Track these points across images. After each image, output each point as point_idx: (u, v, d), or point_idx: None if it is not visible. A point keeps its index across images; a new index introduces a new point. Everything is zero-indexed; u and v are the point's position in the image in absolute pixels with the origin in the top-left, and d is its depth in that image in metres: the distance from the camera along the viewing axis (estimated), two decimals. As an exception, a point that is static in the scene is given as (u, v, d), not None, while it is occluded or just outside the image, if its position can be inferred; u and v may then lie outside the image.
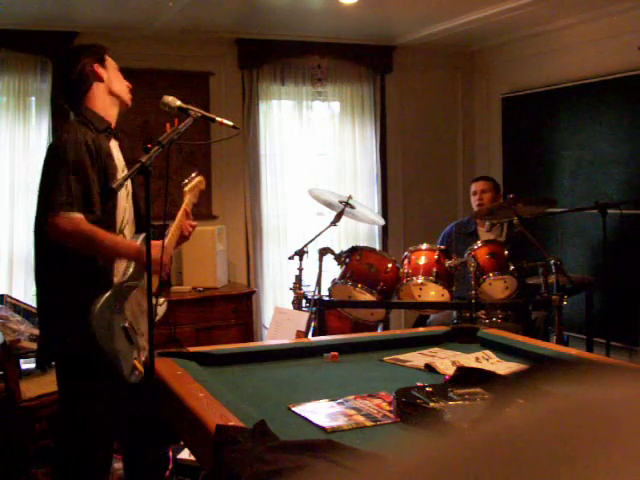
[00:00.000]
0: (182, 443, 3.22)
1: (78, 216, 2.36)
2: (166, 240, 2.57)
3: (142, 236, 2.58)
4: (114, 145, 2.61)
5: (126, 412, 2.59)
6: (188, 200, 2.73)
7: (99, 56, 2.65)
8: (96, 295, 2.39)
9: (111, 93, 2.63)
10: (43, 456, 3.55)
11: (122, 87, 2.69)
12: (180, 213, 2.70)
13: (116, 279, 2.48)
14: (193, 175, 2.79)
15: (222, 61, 5.54)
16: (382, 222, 4.90)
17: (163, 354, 2.44)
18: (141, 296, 2.55)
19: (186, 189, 2.74)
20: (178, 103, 2.49)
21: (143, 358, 2.52)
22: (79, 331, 2.35)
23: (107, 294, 2.41)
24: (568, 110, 5.32)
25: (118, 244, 2.50)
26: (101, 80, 2.61)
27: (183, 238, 2.73)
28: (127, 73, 2.47)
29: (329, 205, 4.32)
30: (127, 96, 2.71)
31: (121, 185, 2.20)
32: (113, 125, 2.64)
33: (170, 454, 3.45)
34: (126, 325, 2.45)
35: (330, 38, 5.66)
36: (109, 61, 2.68)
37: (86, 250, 2.41)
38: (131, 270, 2.52)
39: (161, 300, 2.69)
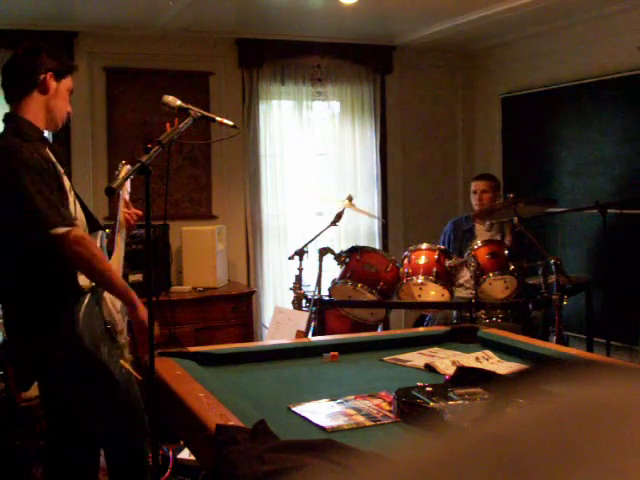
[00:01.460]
0: (182, 443, 3.23)
1: (83, 232, 2.33)
2: (118, 252, 2.55)
3: (99, 234, 2.56)
4: (49, 152, 2.47)
5: (115, 413, 2.58)
6: (124, 190, 2.66)
7: (61, 69, 2.50)
8: (69, 302, 2.33)
9: (47, 109, 2.47)
10: (43, 456, 3.55)
11: (62, 110, 2.52)
12: (121, 205, 2.65)
13: (84, 282, 2.43)
14: (123, 163, 2.58)
15: (222, 61, 5.54)
16: (382, 222, 4.90)
17: (163, 354, 2.44)
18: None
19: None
20: (178, 103, 2.48)
21: (127, 356, 2.52)
22: (64, 343, 2.32)
23: (86, 300, 2.35)
24: (568, 110, 5.32)
25: (120, 282, 2.43)
26: (45, 92, 2.45)
27: (130, 228, 2.70)
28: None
29: (329, 205, 4.32)
30: (61, 121, 2.54)
31: (121, 185, 2.19)
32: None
33: (170, 454, 3.45)
34: (108, 327, 2.44)
35: (330, 38, 5.66)
36: (67, 81, 2.53)
37: (87, 267, 2.33)
38: None
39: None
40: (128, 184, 2.71)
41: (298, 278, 3.98)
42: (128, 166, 2.41)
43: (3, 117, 2.51)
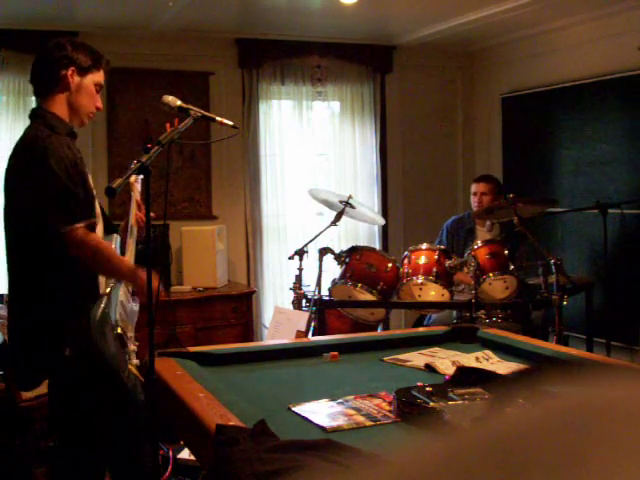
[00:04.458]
0: (182, 443, 3.23)
1: (81, 226, 2.31)
2: (129, 254, 2.55)
3: (114, 237, 2.56)
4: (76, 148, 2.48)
5: (120, 415, 2.58)
6: (136, 190, 2.66)
7: (87, 63, 2.45)
8: (87, 303, 2.34)
9: (70, 106, 2.44)
10: (43, 456, 3.55)
11: (86, 106, 2.47)
12: (133, 206, 2.65)
13: (102, 285, 2.44)
14: (135, 162, 2.48)
15: (222, 61, 5.54)
16: (382, 222, 4.90)
17: (163, 354, 2.44)
18: (124, 297, 2.53)
19: (132, 179, 2.61)
20: (178, 103, 2.48)
21: (134, 361, 2.52)
22: (77, 343, 2.32)
23: (102, 304, 2.36)
24: (568, 110, 5.32)
25: (121, 262, 2.46)
26: (66, 90, 2.42)
27: (140, 229, 2.69)
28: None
29: (329, 205, 4.32)
30: (86, 117, 2.50)
31: (121, 185, 2.19)
32: None
33: (170, 454, 3.45)
34: (119, 332, 2.44)
35: (330, 38, 5.66)
36: (93, 75, 2.47)
37: (92, 262, 2.36)
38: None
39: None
40: (138, 185, 2.70)
41: (298, 278, 3.98)
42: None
43: (30, 111, 2.50)
